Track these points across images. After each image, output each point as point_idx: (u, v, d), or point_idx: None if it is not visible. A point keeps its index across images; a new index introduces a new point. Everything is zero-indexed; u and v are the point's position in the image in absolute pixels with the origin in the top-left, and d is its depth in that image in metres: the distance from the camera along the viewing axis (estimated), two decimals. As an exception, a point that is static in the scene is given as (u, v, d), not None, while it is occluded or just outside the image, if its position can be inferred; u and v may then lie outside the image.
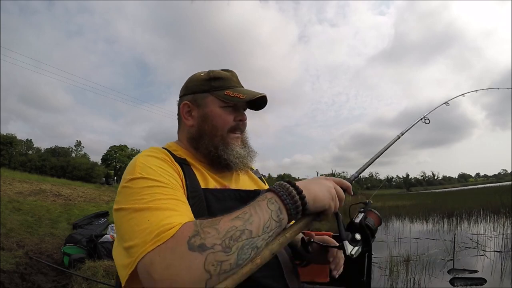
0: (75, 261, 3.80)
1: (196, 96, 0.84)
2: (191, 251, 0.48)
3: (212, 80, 0.83)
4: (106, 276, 3.42)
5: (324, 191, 0.64)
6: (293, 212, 0.59)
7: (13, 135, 36.77)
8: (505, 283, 3.82)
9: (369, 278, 1.34)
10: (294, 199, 0.59)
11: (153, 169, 0.65)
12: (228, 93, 0.81)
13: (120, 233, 0.59)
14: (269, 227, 0.55)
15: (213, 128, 0.81)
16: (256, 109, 0.89)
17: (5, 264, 3.70)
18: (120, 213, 0.59)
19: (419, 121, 1.14)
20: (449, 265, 4.58)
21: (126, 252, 0.55)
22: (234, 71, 0.88)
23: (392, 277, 4.12)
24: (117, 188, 0.66)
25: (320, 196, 0.63)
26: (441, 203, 14.19)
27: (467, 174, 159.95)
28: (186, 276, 0.46)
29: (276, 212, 0.57)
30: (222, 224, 0.51)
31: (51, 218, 6.98)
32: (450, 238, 5.77)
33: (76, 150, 51.41)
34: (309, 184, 0.64)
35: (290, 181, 0.62)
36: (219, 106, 0.81)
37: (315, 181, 0.66)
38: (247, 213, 0.54)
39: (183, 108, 0.85)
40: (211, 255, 0.48)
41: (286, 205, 0.58)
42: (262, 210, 0.56)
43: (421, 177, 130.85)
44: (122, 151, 44.72)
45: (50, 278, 3.67)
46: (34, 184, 11.68)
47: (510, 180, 42.37)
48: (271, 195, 0.59)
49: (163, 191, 0.61)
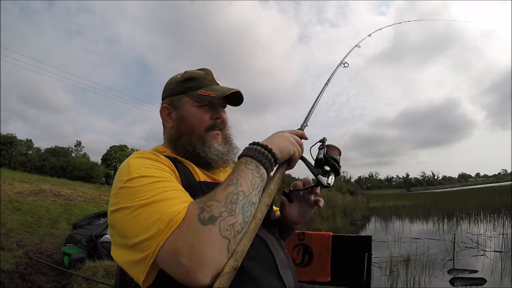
0: (75, 261, 3.79)
1: (173, 99, 0.87)
2: (205, 225, 0.52)
3: (186, 81, 0.86)
4: (106, 276, 3.42)
5: (285, 141, 0.73)
6: (268, 165, 0.67)
7: (13, 135, 36.78)
8: (505, 283, 3.82)
9: (369, 278, 1.34)
10: (264, 154, 0.67)
11: (148, 167, 0.67)
12: (201, 92, 0.82)
13: (122, 232, 0.59)
14: (255, 183, 0.62)
15: (190, 128, 0.83)
16: (236, 105, 0.91)
17: (5, 264, 3.70)
18: (122, 212, 0.59)
19: (339, 66, 1.26)
20: (449, 265, 4.58)
21: (135, 249, 0.56)
22: (209, 70, 0.89)
23: (392, 277, 4.13)
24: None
25: (283, 146, 0.72)
26: (441, 203, 14.19)
27: (467, 174, 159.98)
28: (210, 249, 0.51)
29: (255, 170, 0.64)
30: (218, 194, 0.57)
31: (51, 218, 6.98)
32: (450, 238, 5.77)
33: (76, 150, 51.45)
34: (271, 140, 0.73)
35: (254, 142, 0.70)
36: (194, 106, 0.83)
37: (274, 136, 0.75)
38: (234, 179, 0.61)
39: (162, 111, 0.89)
40: (222, 222, 0.54)
41: (260, 161, 0.66)
42: (244, 172, 0.63)
43: (421, 177, 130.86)
44: (122, 151, 44.69)
45: (50, 278, 3.67)
46: (34, 184, 11.68)
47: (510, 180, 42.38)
48: (245, 159, 0.66)
49: (164, 184, 0.62)
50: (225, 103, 0.89)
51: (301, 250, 1.38)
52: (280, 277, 0.72)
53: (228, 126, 0.90)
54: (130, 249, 0.57)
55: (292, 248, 1.40)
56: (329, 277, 1.14)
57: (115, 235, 0.62)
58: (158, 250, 0.52)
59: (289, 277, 0.75)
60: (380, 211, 13.89)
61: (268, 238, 0.77)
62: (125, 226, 0.58)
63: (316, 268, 1.15)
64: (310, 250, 1.37)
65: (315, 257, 1.36)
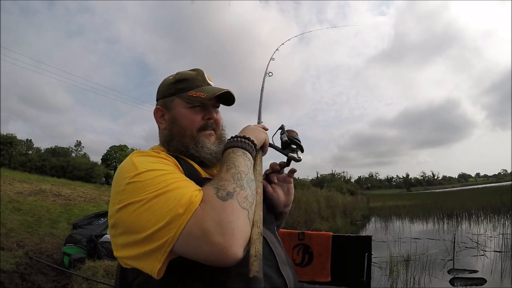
0: (75, 261, 3.79)
1: (165, 100, 0.87)
2: (225, 201, 0.56)
3: (177, 83, 0.86)
4: (106, 276, 3.42)
5: (256, 131, 0.81)
6: (251, 151, 0.74)
7: (13, 135, 36.74)
8: (505, 283, 3.82)
9: (369, 278, 1.34)
10: (246, 143, 0.75)
11: (153, 162, 0.67)
12: (191, 93, 0.83)
13: (131, 227, 0.57)
14: (247, 165, 0.69)
15: (181, 129, 0.83)
16: (228, 105, 0.92)
17: (5, 264, 3.70)
18: (132, 206, 0.57)
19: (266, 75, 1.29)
20: (449, 265, 4.58)
21: (148, 240, 0.54)
22: (201, 70, 0.89)
23: (392, 277, 4.13)
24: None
25: (257, 134, 0.80)
26: (441, 203, 14.20)
27: (467, 174, 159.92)
28: (237, 220, 0.55)
29: (243, 155, 0.71)
30: (225, 175, 0.63)
31: (51, 218, 6.98)
32: (450, 238, 5.77)
33: (76, 150, 51.39)
34: (245, 132, 0.80)
35: (234, 135, 0.77)
36: (185, 107, 0.84)
37: (246, 129, 0.82)
38: (231, 163, 0.66)
39: (156, 112, 0.89)
40: (238, 195, 0.59)
41: (246, 148, 0.73)
42: (235, 157, 0.69)
43: (421, 177, 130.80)
44: (122, 151, 44.65)
45: (50, 278, 3.67)
46: (34, 184, 11.67)
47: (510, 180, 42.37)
48: (231, 149, 0.72)
49: (173, 176, 0.63)
50: (218, 103, 0.89)
51: (301, 250, 1.38)
52: (280, 274, 0.73)
53: (223, 126, 0.91)
54: (142, 242, 0.55)
55: (292, 248, 1.40)
56: (329, 277, 1.14)
57: (119, 236, 0.60)
58: (179, 234, 0.52)
59: (288, 274, 0.75)
60: (380, 211, 13.89)
61: (267, 235, 0.78)
62: (135, 220, 0.56)
63: (316, 268, 1.15)
64: (310, 250, 1.37)
65: (315, 257, 1.36)
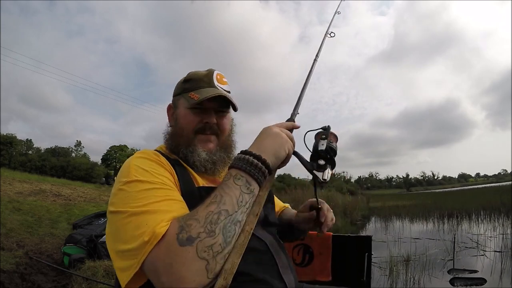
0: (75, 261, 3.79)
1: (175, 98, 0.89)
2: (182, 246, 0.52)
3: (185, 82, 0.87)
4: (106, 276, 3.42)
5: (278, 141, 0.67)
6: (260, 179, 0.63)
7: (13, 135, 36.73)
8: (505, 283, 3.82)
9: (369, 278, 1.34)
10: (257, 167, 0.62)
11: (147, 170, 0.67)
12: (191, 94, 0.82)
13: (115, 235, 0.60)
14: (243, 200, 0.59)
15: (179, 129, 0.83)
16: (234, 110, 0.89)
17: (5, 264, 3.70)
18: (117, 216, 0.61)
19: (326, 36, 1.19)
20: (449, 265, 4.58)
21: (122, 255, 0.57)
22: (212, 70, 0.87)
23: (392, 277, 4.12)
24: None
25: (277, 149, 0.66)
26: (441, 203, 14.19)
27: (467, 174, 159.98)
28: (187, 270, 0.51)
29: (245, 185, 0.60)
30: (200, 213, 0.55)
31: (51, 218, 6.98)
32: (450, 238, 5.77)
33: (76, 150, 51.40)
34: (262, 142, 0.67)
35: (246, 151, 0.65)
36: (186, 108, 0.83)
37: (264, 136, 0.69)
38: (218, 195, 0.58)
39: (168, 110, 0.91)
40: (200, 243, 0.52)
41: (252, 175, 0.61)
42: (230, 188, 0.59)
43: (421, 177, 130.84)
44: (122, 151, 44.65)
45: (50, 278, 3.67)
46: (34, 184, 11.67)
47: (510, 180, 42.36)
48: (235, 172, 0.62)
49: (158, 193, 0.62)
50: (224, 107, 0.86)
51: (302, 249, 1.38)
52: (281, 278, 0.72)
53: (231, 132, 0.88)
54: (118, 255, 0.59)
55: (293, 248, 1.40)
56: (330, 277, 1.14)
57: (109, 235, 0.63)
58: (141, 263, 0.54)
59: (290, 278, 0.75)
60: (380, 211, 13.88)
61: (268, 239, 0.77)
62: (117, 231, 0.60)
63: (317, 267, 1.15)
64: (310, 250, 1.37)
65: (315, 257, 1.36)
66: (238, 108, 0.88)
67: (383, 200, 20.24)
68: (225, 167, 0.84)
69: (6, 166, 26.13)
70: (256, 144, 0.68)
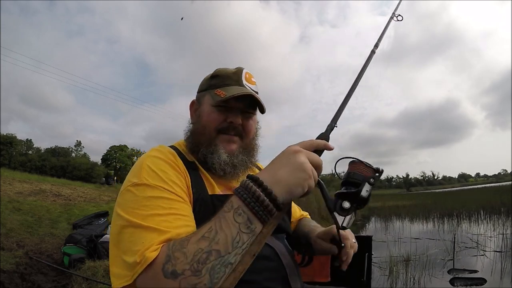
0: (75, 261, 3.79)
1: (199, 94, 0.85)
2: (166, 278, 0.50)
3: (211, 78, 0.83)
4: (106, 276, 3.41)
5: (297, 174, 0.55)
6: (265, 218, 0.54)
7: (13, 135, 36.74)
8: (505, 283, 3.82)
9: (369, 278, 1.34)
10: (264, 204, 0.53)
11: (158, 175, 0.65)
12: (217, 91, 0.78)
13: (117, 238, 0.60)
14: (239, 241, 0.52)
15: (201, 127, 0.79)
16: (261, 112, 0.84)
17: (5, 264, 3.69)
18: (120, 220, 0.60)
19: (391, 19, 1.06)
20: (449, 265, 4.58)
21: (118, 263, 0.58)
22: (241, 68, 0.84)
23: (392, 277, 4.13)
24: (118, 188, 0.66)
25: (293, 183, 0.55)
26: (441, 203, 14.19)
27: (467, 174, 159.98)
28: None
29: (245, 224, 0.52)
30: (189, 246, 0.51)
31: (51, 218, 6.98)
32: (450, 238, 5.78)
33: (76, 150, 51.39)
34: (279, 171, 0.55)
35: (256, 178, 0.55)
36: (211, 105, 0.78)
37: (284, 162, 0.56)
38: (213, 231, 0.52)
39: (191, 106, 0.87)
40: (183, 280, 0.49)
41: (256, 214, 0.53)
42: (228, 225, 0.52)
43: (421, 177, 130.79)
44: (122, 151, 44.68)
45: (50, 278, 3.67)
46: (34, 184, 11.67)
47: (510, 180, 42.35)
48: (237, 203, 0.54)
49: (163, 203, 0.60)
50: (252, 108, 0.81)
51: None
52: (289, 286, 0.72)
53: (255, 136, 0.84)
54: (115, 260, 0.59)
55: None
56: (329, 277, 1.14)
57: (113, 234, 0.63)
58: (133, 280, 0.54)
59: (297, 285, 0.74)
60: (380, 211, 13.87)
61: (277, 245, 0.75)
62: (118, 235, 0.60)
63: (316, 268, 1.15)
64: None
65: (315, 257, 1.36)
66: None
67: (383, 200, 20.22)
68: (245, 171, 0.80)
69: (6, 166, 26.13)
70: (271, 170, 0.57)
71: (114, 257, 0.59)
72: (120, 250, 0.57)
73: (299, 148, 0.58)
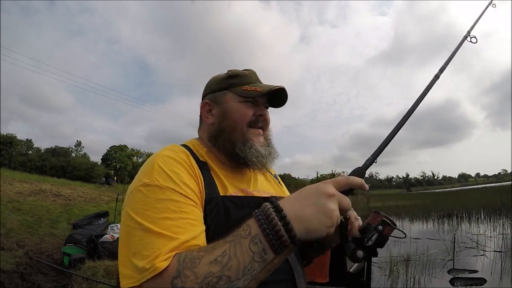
0: (75, 261, 3.80)
1: (215, 95, 0.85)
2: None
3: (230, 78, 0.84)
4: (106, 276, 3.42)
5: (322, 219, 0.53)
6: (279, 251, 0.52)
7: (13, 135, 36.76)
8: (505, 283, 3.82)
9: (369, 278, 1.34)
10: (281, 239, 0.51)
11: (170, 176, 0.65)
12: (246, 88, 0.81)
13: (127, 239, 0.60)
14: (250, 268, 0.51)
15: (232, 123, 0.80)
16: (277, 106, 0.89)
17: (5, 264, 3.70)
18: (131, 221, 0.60)
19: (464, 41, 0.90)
20: (449, 265, 4.58)
21: (127, 264, 0.57)
22: (253, 70, 0.88)
23: (392, 277, 4.13)
24: (118, 188, 0.67)
25: (315, 227, 0.52)
26: (441, 203, 14.19)
27: (467, 174, 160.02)
28: None
29: (259, 254, 0.52)
30: (201, 267, 0.51)
31: (51, 218, 6.99)
32: (450, 238, 5.77)
33: (76, 150, 51.43)
34: (304, 209, 0.53)
35: (280, 209, 0.53)
36: (238, 101, 0.81)
37: (312, 200, 0.54)
38: (226, 256, 0.51)
39: (203, 107, 0.86)
40: None
41: (272, 246, 0.52)
42: (243, 252, 0.52)
43: (421, 177, 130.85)
44: (122, 151, 44.65)
45: (50, 278, 3.67)
46: (34, 184, 11.69)
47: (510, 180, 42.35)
48: (255, 231, 0.53)
49: (174, 207, 0.61)
50: (268, 103, 0.86)
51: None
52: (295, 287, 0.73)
53: (270, 128, 0.88)
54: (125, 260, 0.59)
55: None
56: (328, 278, 1.14)
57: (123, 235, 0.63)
58: (140, 283, 0.54)
59: (302, 285, 0.75)
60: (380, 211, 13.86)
61: None
62: (128, 236, 0.60)
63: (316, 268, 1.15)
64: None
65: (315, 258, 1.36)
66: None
67: (383, 200, 20.24)
68: (271, 162, 0.84)
69: (6, 166, 26.15)
70: (296, 203, 0.55)
71: (124, 257, 0.59)
72: (130, 252, 0.58)
73: (334, 191, 0.55)
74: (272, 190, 0.90)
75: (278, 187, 0.96)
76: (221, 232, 0.64)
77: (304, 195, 0.55)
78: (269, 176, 0.96)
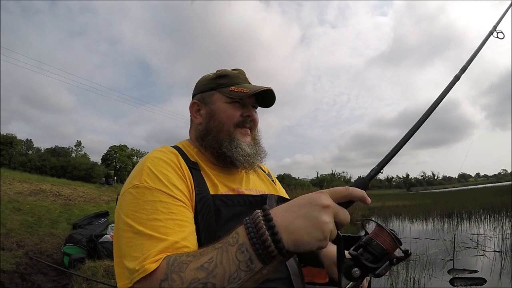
0: (75, 261, 3.80)
1: (204, 95, 0.86)
2: None
3: (218, 78, 0.85)
4: (106, 276, 3.42)
5: (313, 232, 0.48)
6: (267, 261, 0.50)
7: (13, 135, 36.80)
8: (505, 283, 3.83)
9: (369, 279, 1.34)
10: (268, 250, 0.49)
11: (158, 177, 0.66)
12: (233, 88, 0.82)
13: (119, 240, 0.61)
14: (236, 277, 0.50)
15: (219, 124, 0.81)
16: (266, 106, 0.89)
17: (5, 264, 3.70)
18: (120, 223, 0.62)
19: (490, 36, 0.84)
20: (449, 265, 4.58)
21: (120, 264, 0.59)
22: (242, 70, 0.89)
23: (392, 277, 4.13)
24: (118, 188, 0.67)
25: (305, 240, 0.49)
26: (441, 203, 14.20)
27: (467, 174, 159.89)
28: None
29: (245, 263, 0.50)
30: (187, 272, 0.51)
31: (51, 218, 6.99)
32: (450, 238, 5.78)
33: (76, 150, 51.41)
34: (295, 221, 0.50)
35: (269, 218, 0.50)
36: (225, 102, 0.82)
37: (305, 210, 0.50)
38: (212, 263, 0.51)
39: (192, 107, 0.87)
40: None
41: (259, 256, 0.49)
42: (229, 260, 0.50)
43: (421, 177, 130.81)
44: (122, 151, 44.67)
45: (50, 278, 3.67)
46: (34, 184, 11.69)
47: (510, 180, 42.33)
48: (243, 239, 0.51)
49: (162, 207, 0.62)
50: (256, 104, 0.87)
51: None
52: (292, 286, 0.73)
53: (258, 128, 0.89)
54: (119, 260, 0.60)
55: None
56: (327, 279, 1.14)
57: (116, 236, 0.64)
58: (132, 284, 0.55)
59: (299, 285, 0.75)
60: (380, 211, 13.88)
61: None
62: (119, 238, 0.61)
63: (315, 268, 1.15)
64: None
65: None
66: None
67: (383, 200, 20.22)
68: (259, 161, 0.85)
69: (6, 166, 26.16)
70: (287, 213, 0.51)
71: (117, 258, 0.61)
72: (121, 253, 0.59)
73: (329, 202, 0.50)
74: (265, 188, 0.91)
75: (271, 185, 0.96)
76: (212, 231, 0.66)
77: (296, 205, 0.52)
78: (262, 174, 0.97)
